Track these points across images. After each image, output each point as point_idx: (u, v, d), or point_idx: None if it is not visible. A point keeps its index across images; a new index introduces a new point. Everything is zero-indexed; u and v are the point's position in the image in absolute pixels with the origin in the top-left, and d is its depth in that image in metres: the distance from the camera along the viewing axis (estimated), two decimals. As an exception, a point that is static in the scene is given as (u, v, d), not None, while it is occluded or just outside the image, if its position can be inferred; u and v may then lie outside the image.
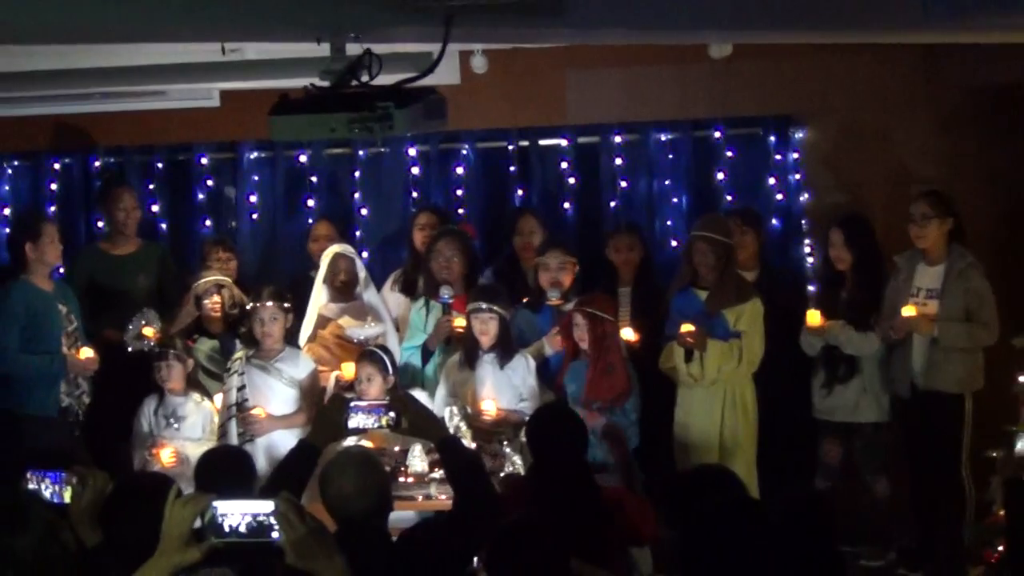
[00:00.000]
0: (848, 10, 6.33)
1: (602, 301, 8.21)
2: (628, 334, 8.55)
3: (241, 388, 8.19)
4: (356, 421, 5.67)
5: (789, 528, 5.11)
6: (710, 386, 8.34)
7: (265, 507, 4.05)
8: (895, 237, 8.82)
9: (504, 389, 8.16)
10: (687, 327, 8.21)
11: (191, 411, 8.27)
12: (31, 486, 5.05)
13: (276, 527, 4.04)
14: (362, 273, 8.86)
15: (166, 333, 8.59)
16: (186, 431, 8.20)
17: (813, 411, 8.83)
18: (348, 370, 8.19)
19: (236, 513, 4.06)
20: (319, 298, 8.78)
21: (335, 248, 8.89)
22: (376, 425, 5.70)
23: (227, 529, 4.05)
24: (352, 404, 5.71)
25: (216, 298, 8.83)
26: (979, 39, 7.85)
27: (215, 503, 4.06)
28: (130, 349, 8.64)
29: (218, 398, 8.35)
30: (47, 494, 5.07)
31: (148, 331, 8.57)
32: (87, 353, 8.54)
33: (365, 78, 5.79)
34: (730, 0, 6.18)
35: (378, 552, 5.21)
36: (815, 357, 8.76)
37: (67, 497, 5.01)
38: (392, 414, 5.65)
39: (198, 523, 4.07)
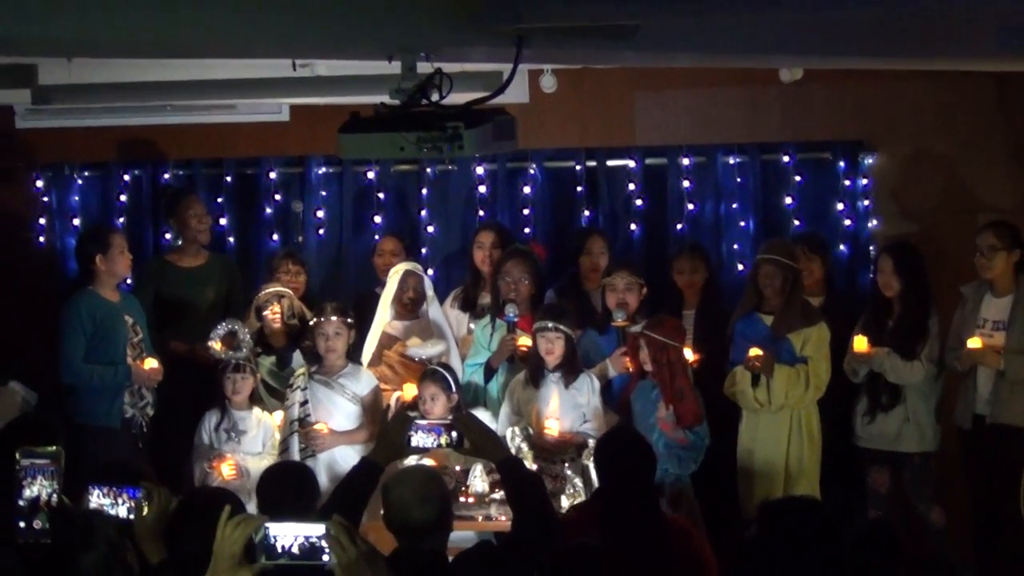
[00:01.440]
0: (922, 37, 6.29)
1: (670, 326, 8.13)
2: (687, 354, 8.52)
3: (304, 403, 8.20)
4: (418, 440, 5.68)
5: (856, 559, 5.05)
6: (777, 412, 8.29)
7: (317, 529, 4.06)
8: (963, 267, 8.75)
9: (568, 409, 8.13)
10: (755, 351, 8.17)
11: (252, 425, 8.30)
12: (102, 500, 5.08)
13: (328, 550, 4.04)
14: (429, 291, 8.86)
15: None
16: (246, 445, 8.23)
17: (854, 438, 8.74)
18: (409, 391, 8.20)
19: (288, 534, 4.08)
20: (384, 316, 8.78)
21: (404, 265, 8.90)
22: (437, 444, 5.71)
23: (279, 550, 4.07)
24: (414, 423, 5.72)
25: (276, 307, 8.85)
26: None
27: (267, 524, 4.07)
28: (228, 357, 8.56)
29: (278, 414, 8.37)
30: (123, 509, 5.10)
31: (217, 345, 8.58)
32: (151, 364, 8.58)
33: (435, 97, 5.79)
34: (801, 26, 6.15)
35: (433, 575, 5.19)
36: (858, 384, 8.68)
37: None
38: (454, 434, 5.66)
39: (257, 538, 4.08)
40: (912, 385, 8.52)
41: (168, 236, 10.04)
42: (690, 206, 9.95)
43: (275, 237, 10.28)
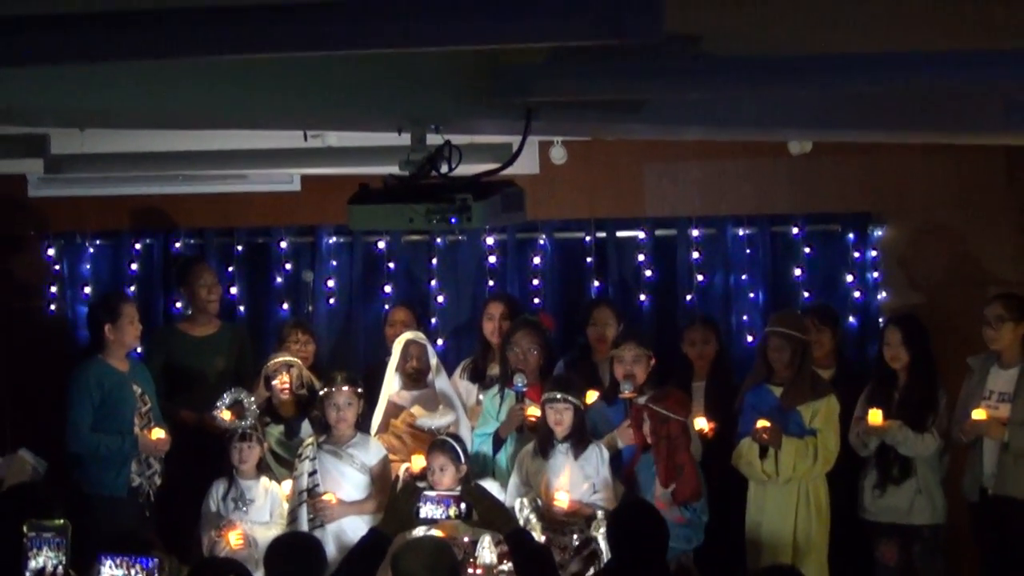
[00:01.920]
0: (930, 111, 6.33)
1: (674, 400, 8.12)
2: (701, 423, 8.48)
3: (312, 473, 8.17)
4: (427, 511, 5.70)
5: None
6: (785, 484, 8.25)
7: None
8: (972, 339, 8.74)
9: (578, 480, 8.10)
10: (763, 423, 8.14)
11: (260, 494, 8.26)
12: (115, 571, 5.07)
13: None
14: (434, 360, 8.85)
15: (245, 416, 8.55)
16: (254, 514, 8.19)
17: (862, 512, 8.69)
18: (417, 462, 8.18)
19: None
20: (391, 386, 8.78)
21: (407, 335, 8.89)
22: (446, 516, 5.73)
23: None
24: (423, 494, 5.73)
25: (284, 377, 8.84)
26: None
27: None
28: (234, 426, 8.50)
29: (287, 484, 8.34)
30: None
31: (226, 414, 8.52)
32: (159, 434, 8.56)
33: (444, 169, 5.82)
34: (809, 100, 6.18)
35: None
36: (865, 457, 8.65)
37: None
38: (463, 505, 5.67)
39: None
40: (922, 457, 8.50)
41: (179, 305, 10.07)
42: (699, 277, 9.98)
43: (285, 306, 10.29)
